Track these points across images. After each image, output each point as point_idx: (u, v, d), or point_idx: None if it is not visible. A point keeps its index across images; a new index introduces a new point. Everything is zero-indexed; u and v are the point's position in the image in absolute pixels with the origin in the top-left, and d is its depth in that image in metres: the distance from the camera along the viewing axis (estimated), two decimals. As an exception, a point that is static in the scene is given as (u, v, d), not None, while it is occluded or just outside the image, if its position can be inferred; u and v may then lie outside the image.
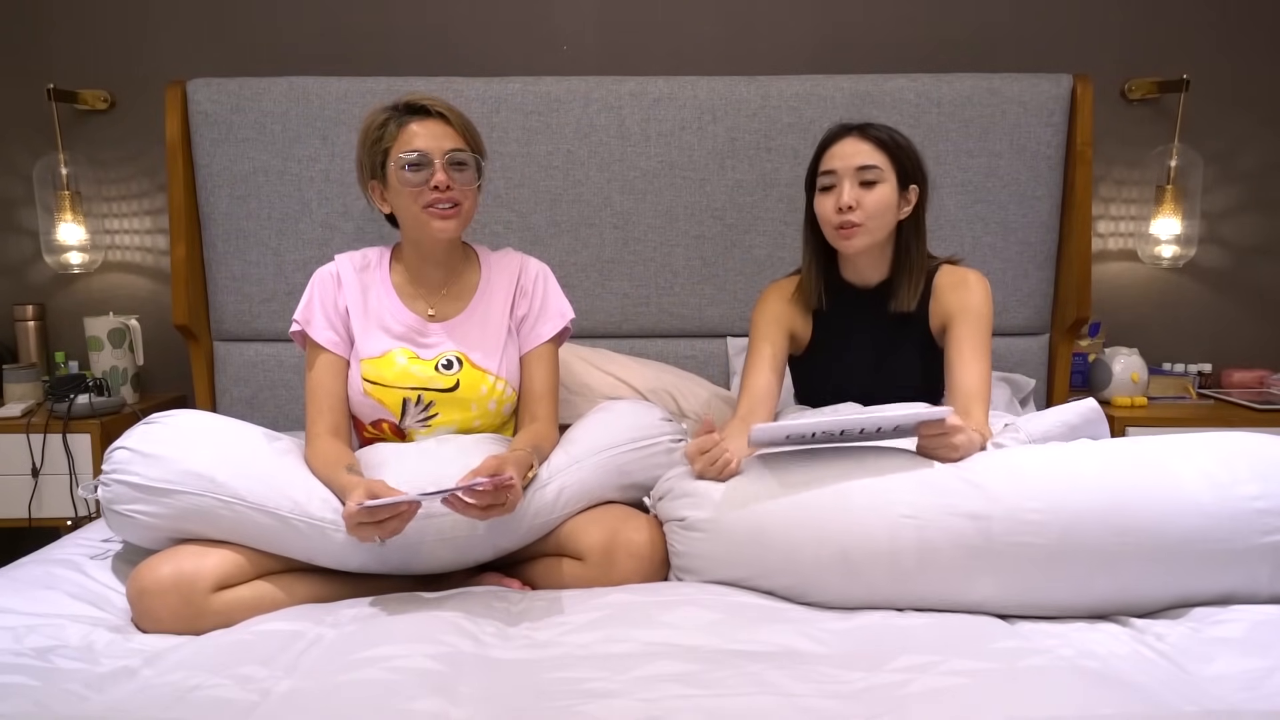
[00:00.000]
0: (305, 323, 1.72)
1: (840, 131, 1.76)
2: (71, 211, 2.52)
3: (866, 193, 1.70)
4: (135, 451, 1.52)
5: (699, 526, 1.49)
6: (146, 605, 1.42)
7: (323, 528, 1.49)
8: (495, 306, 1.77)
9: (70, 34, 2.56)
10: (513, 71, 2.47)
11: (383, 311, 1.73)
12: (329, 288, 1.74)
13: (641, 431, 1.71)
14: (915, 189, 1.75)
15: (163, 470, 1.49)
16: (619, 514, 1.60)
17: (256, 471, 1.52)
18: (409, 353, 1.71)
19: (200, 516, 1.48)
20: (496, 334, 1.75)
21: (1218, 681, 1.15)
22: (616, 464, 1.65)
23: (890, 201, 1.71)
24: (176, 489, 1.48)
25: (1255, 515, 1.35)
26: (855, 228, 1.70)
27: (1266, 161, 2.64)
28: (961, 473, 1.43)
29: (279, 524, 1.48)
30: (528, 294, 1.79)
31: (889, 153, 1.71)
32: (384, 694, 1.11)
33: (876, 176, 1.70)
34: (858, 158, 1.71)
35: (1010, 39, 2.57)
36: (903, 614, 1.39)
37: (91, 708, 1.12)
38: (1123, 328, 2.69)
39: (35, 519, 2.29)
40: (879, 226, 1.72)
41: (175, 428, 1.57)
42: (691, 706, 1.08)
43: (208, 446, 1.54)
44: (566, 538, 1.58)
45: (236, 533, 1.49)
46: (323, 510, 1.50)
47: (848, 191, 1.69)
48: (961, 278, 1.76)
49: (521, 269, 1.81)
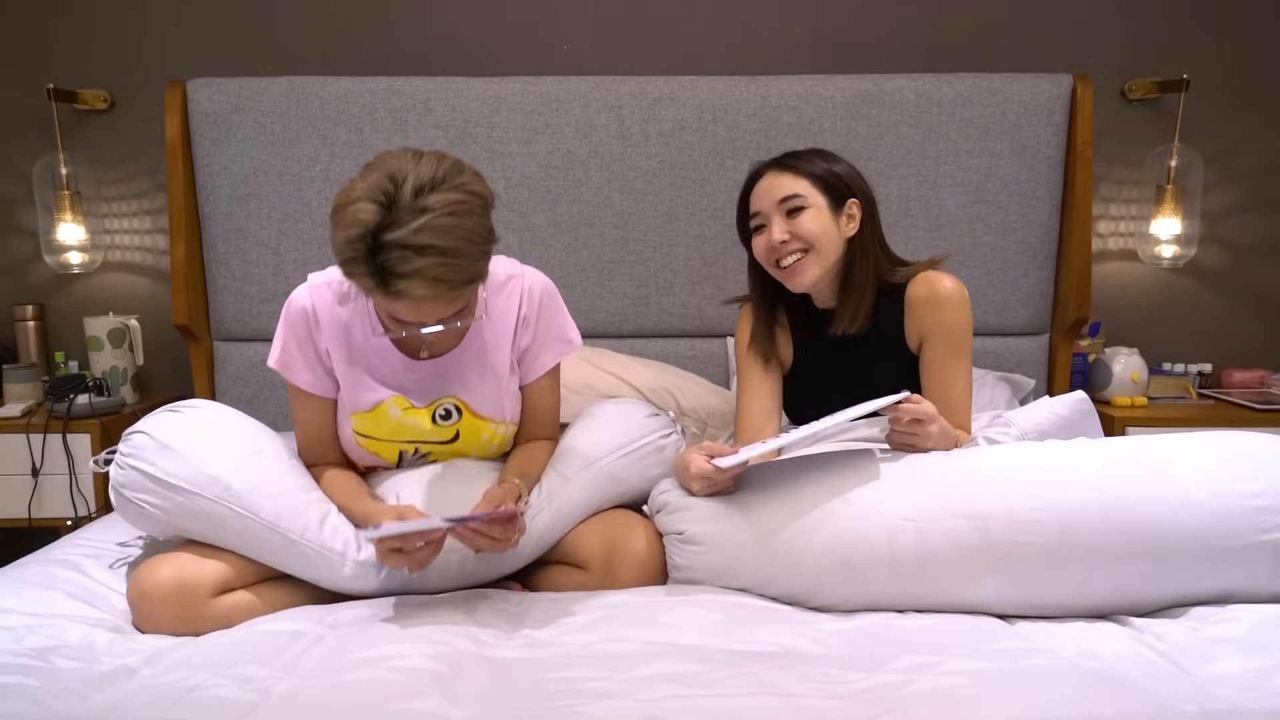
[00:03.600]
0: (284, 368, 1.58)
1: (757, 171, 1.71)
2: (71, 211, 2.52)
3: (795, 222, 1.64)
4: (155, 440, 1.49)
5: (697, 540, 1.48)
6: (146, 609, 1.41)
7: (330, 558, 1.47)
8: (494, 341, 1.60)
9: (70, 34, 2.55)
10: (513, 71, 2.47)
11: (369, 351, 1.57)
12: (303, 329, 1.56)
13: (629, 435, 1.67)
14: (854, 203, 1.68)
15: (179, 467, 1.47)
16: (618, 522, 1.58)
17: (274, 486, 1.49)
18: (402, 402, 1.58)
19: (208, 521, 1.46)
20: (497, 373, 1.60)
21: (1218, 681, 1.15)
22: (608, 473, 1.62)
23: (824, 224, 1.64)
24: (190, 489, 1.45)
25: (1254, 513, 1.35)
26: (799, 261, 1.64)
27: (1266, 161, 2.64)
28: (959, 473, 1.43)
29: (286, 545, 1.46)
30: (531, 324, 1.62)
31: (809, 177, 1.66)
32: (384, 694, 1.11)
33: (800, 203, 1.64)
34: (777, 190, 1.66)
35: (1010, 39, 2.57)
36: (903, 614, 1.39)
37: (91, 707, 1.12)
38: (1123, 328, 2.69)
39: (35, 519, 2.29)
40: (825, 250, 1.65)
41: (198, 422, 1.53)
42: (691, 706, 1.08)
43: (229, 449, 1.50)
44: (567, 547, 1.57)
45: (241, 544, 1.47)
46: (334, 541, 1.48)
47: (777, 227, 1.64)
48: (932, 290, 1.67)
49: (524, 297, 1.60)
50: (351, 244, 1.29)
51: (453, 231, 1.29)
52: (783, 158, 1.70)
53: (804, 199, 1.64)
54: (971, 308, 1.69)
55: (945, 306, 1.66)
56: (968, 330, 1.68)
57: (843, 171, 1.69)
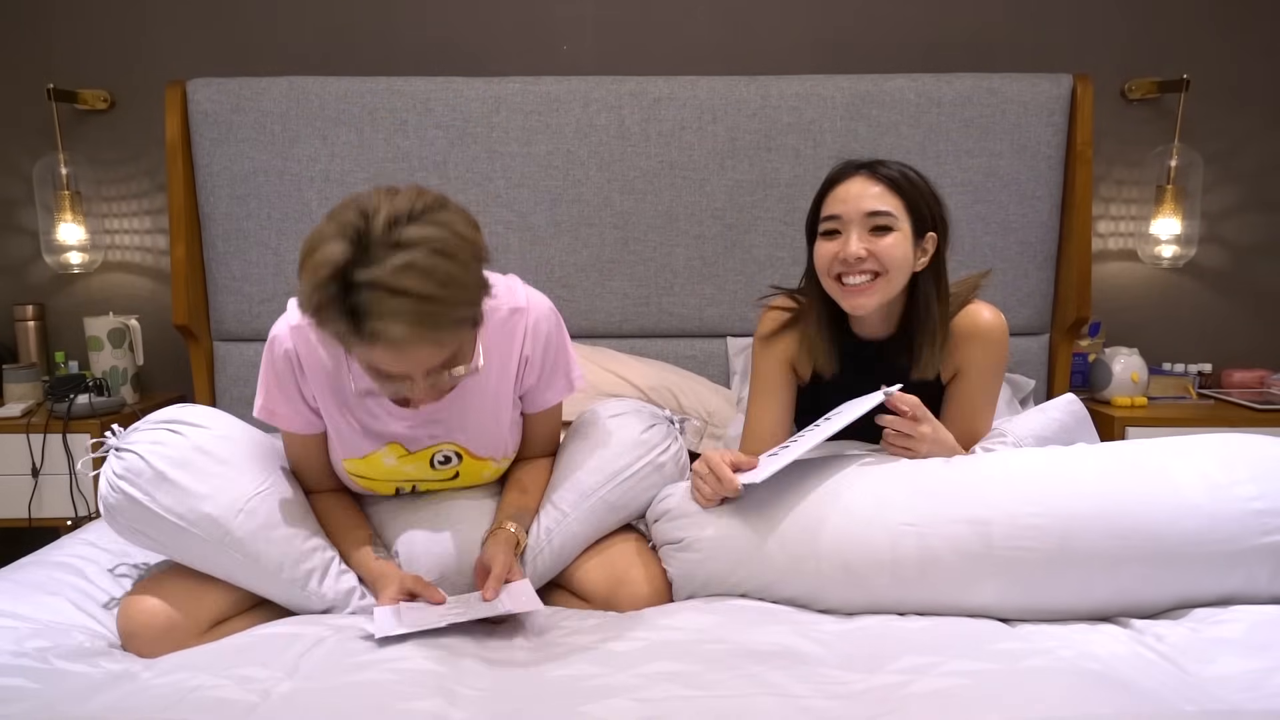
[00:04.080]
0: (269, 416, 1.46)
1: (847, 169, 1.55)
2: (71, 211, 2.52)
3: (878, 241, 1.50)
4: (151, 467, 1.38)
5: (696, 547, 1.46)
6: (137, 648, 1.35)
7: (333, 605, 1.43)
8: (494, 380, 1.47)
9: (70, 34, 2.55)
10: (513, 71, 2.47)
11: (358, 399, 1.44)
12: (287, 375, 1.43)
13: (624, 459, 1.55)
14: (933, 237, 1.54)
15: (176, 503, 1.37)
16: (622, 560, 1.52)
17: (276, 531, 1.41)
18: (398, 450, 1.47)
19: (204, 557, 1.40)
20: (497, 416, 1.50)
21: (1218, 682, 1.15)
22: (606, 504, 1.54)
23: (906, 251, 1.51)
24: (187, 529, 1.37)
25: (1254, 516, 1.34)
26: (869, 284, 1.50)
27: (1266, 161, 2.64)
28: (960, 479, 1.43)
29: (285, 592, 1.42)
30: (535, 365, 1.49)
31: (903, 196, 1.51)
32: (384, 695, 1.11)
33: (889, 223, 1.50)
34: (867, 201, 1.50)
35: (1010, 39, 2.57)
36: (903, 616, 1.39)
37: (92, 709, 1.11)
38: (1123, 328, 2.69)
39: (35, 519, 2.29)
40: (896, 280, 1.52)
41: (198, 446, 1.43)
42: (691, 706, 1.08)
43: (230, 487, 1.41)
44: (569, 577, 1.55)
45: (238, 580, 1.42)
46: (335, 588, 1.44)
47: (856, 240, 1.49)
48: (973, 324, 1.58)
49: (527, 334, 1.47)
50: (320, 288, 1.14)
51: (434, 273, 1.14)
52: (875, 164, 1.54)
53: (895, 219, 1.50)
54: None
55: (990, 345, 1.59)
56: (1002, 364, 1.62)
57: (929, 199, 1.55)
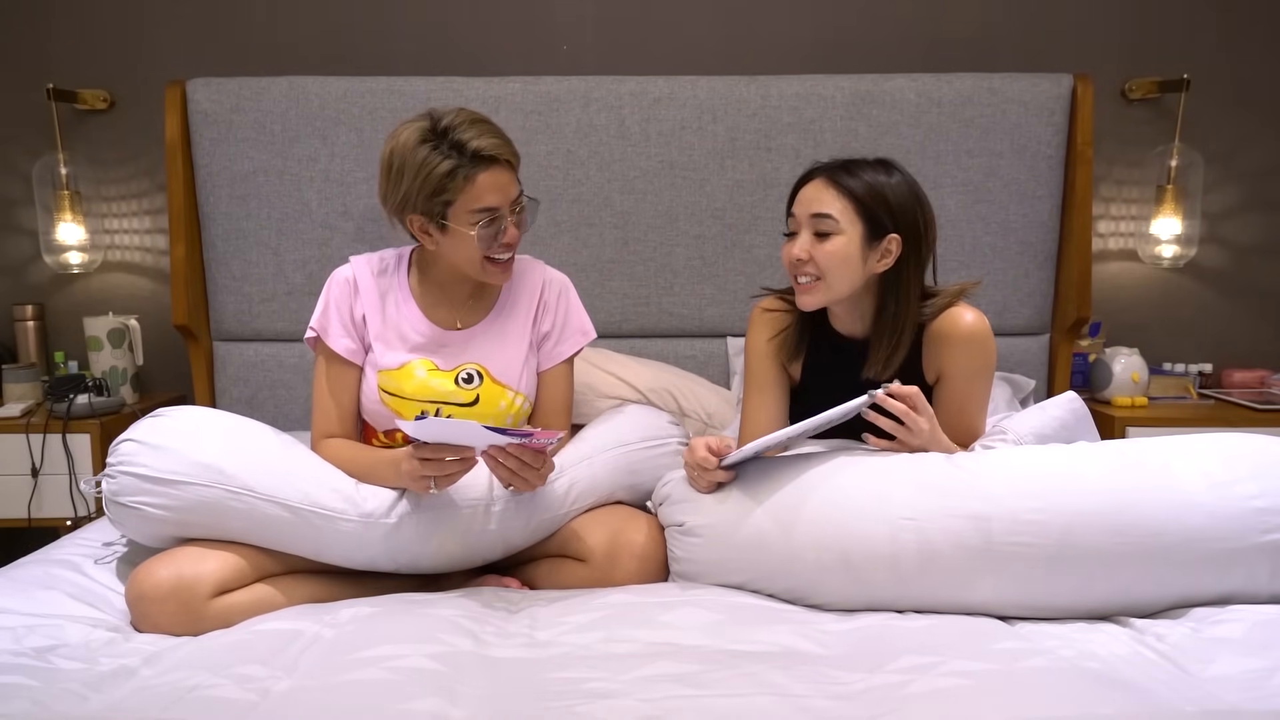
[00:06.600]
0: (321, 330, 1.68)
1: (812, 172, 1.61)
2: (71, 211, 2.52)
3: (820, 244, 1.55)
4: (142, 443, 1.50)
5: (698, 532, 1.49)
6: (144, 610, 1.42)
7: (333, 518, 1.49)
8: (516, 319, 1.73)
9: (70, 34, 2.55)
10: (513, 71, 2.47)
11: (401, 320, 1.69)
12: (345, 294, 1.68)
13: (652, 432, 1.75)
14: (895, 239, 1.56)
15: (171, 461, 1.48)
16: (621, 515, 1.61)
17: (265, 462, 1.52)
18: (428, 364, 1.68)
19: (208, 509, 1.48)
20: (517, 347, 1.71)
21: (1218, 681, 1.15)
22: (627, 462, 1.67)
23: (847, 255, 1.54)
24: (185, 480, 1.47)
25: (1254, 514, 1.35)
26: (809, 284, 1.57)
27: (1266, 161, 2.64)
28: (960, 474, 1.43)
29: (289, 515, 1.48)
30: (551, 309, 1.74)
31: (854, 200, 1.54)
32: (384, 694, 1.11)
33: (830, 228, 1.54)
34: (814, 204, 1.56)
35: (1010, 39, 2.57)
36: (903, 615, 1.39)
37: (91, 708, 1.12)
38: (1123, 328, 2.69)
39: (35, 519, 2.28)
40: (836, 283, 1.56)
41: (182, 420, 1.56)
42: (691, 707, 1.08)
43: (215, 438, 1.53)
44: (569, 538, 1.58)
45: (244, 526, 1.49)
46: (333, 500, 1.50)
47: (799, 242, 1.57)
48: (953, 326, 1.59)
49: (545, 283, 1.75)
50: (418, 148, 1.53)
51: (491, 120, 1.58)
52: (836, 168, 1.58)
53: (836, 224, 1.54)
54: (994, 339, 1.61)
55: (963, 345, 1.59)
56: (988, 367, 1.62)
57: (895, 199, 1.55)
